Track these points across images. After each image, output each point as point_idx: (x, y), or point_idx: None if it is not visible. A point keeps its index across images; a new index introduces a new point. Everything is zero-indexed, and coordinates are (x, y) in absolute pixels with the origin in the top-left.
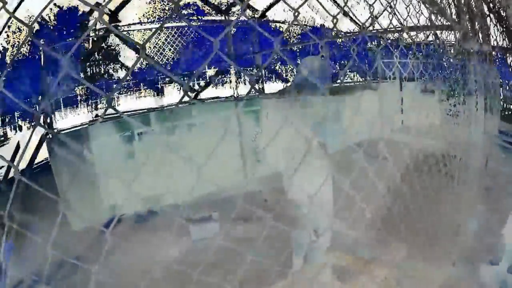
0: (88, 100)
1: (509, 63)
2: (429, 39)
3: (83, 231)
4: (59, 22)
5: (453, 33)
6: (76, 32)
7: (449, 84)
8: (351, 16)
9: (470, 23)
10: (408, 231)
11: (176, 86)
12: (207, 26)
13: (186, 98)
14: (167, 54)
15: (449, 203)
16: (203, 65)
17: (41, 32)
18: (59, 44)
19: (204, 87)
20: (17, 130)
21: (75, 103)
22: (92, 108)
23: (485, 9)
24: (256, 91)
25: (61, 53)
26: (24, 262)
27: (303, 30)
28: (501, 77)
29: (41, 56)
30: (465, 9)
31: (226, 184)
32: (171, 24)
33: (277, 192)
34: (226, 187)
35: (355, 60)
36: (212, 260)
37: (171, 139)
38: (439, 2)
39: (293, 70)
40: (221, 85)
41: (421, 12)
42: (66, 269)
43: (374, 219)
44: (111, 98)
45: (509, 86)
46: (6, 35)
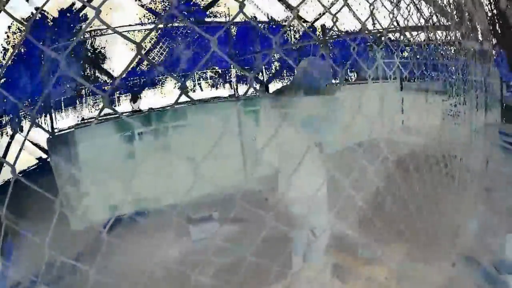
0: (77, 103)
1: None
2: (423, 39)
3: (83, 231)
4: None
5: (451, 33)
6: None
7: (447, 84)
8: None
9: (470, 22)
10: (408, 232)
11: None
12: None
13: (185, 98)
14: (164, 55)
15: (449, 204)
16: (200, 64)
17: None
18: (58, 45)
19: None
20: (18, 131)
21: (66, 105)
22: (82, 110)
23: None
24: (256, 91)
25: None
26: (24, 262)
27: (304, 31)
28: (501, 77)
29: (36, 57)
30: (465, 8)
31: (226, 184)
32: (171, 24)
33: (278, 192)
34: (226, 187)
35: (355, 60)
36: (212, 260)
37: (171, 139)
38: (440, 1)
39: (293, 70)
40: (222, 85)
41: (421, 12)
42: (66, 269)
43: (374, 219)
44: (109, 97)
45: (508, 86)
46: (7, 36)
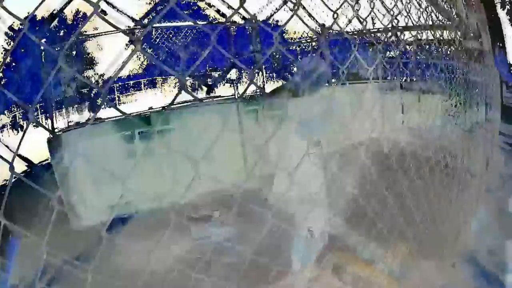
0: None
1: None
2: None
3: (83, 231)
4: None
5: (447, 32)
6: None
7: (448, 86)
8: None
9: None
10: (408, 232)
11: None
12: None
13: (184, 98)
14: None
15: (449, 205)
16: (199, 61)
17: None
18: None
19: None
20: (18, 130)
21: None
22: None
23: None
24: (258, 89)
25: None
26: (25, 262)
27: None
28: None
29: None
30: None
31: (226, 183)
32: (169, 24)
33: (274, 191)
34: (226, 186)
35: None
36: (212, 259)
37: (171, 139)
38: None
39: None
40: (222, 85)
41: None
42: (66, 269)
43: (374, 219)
44: (107, 94)
45: (508, 87)
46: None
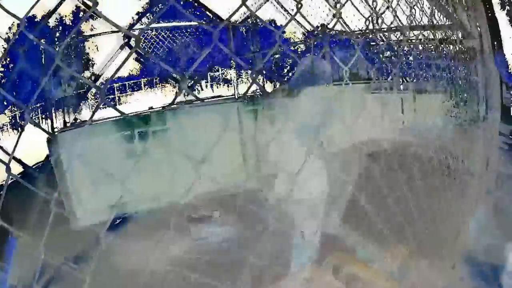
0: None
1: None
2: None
3: (83, 231)
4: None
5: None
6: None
7: (447, 86)
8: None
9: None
10: (408, 233)
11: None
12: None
13: (181, 98)
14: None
15: (449, 205)
16: (200, 59)
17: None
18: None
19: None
20: (18, 130)
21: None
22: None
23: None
24: (260, 88)
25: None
26: (24, 262)
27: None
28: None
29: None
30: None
31: (227, 183)
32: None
33: (276, 191)
34: (227, 186)
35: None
36: (212, 260)
37: (171, 139)
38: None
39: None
40: (222, 85)
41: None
42: (65, 270)
43: (374, 220)
44: (105, 93)
45: (508, 87)
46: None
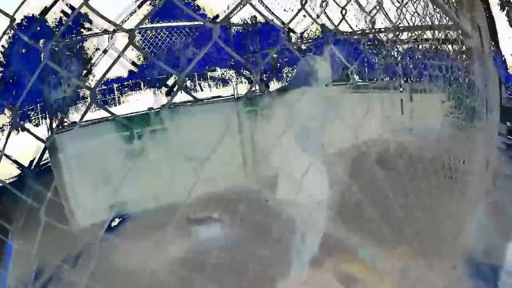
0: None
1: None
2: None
3: (82, 231)
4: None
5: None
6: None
7: (447, 86)
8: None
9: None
10: (409, 234)
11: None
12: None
13: (179, 98)
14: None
15: (450, 206)
16: (199, 56)
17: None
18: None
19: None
20: (18, 130)
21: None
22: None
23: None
24: (260, 86)
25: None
26: (22, 262)
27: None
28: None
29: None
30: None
31: (226, 184)
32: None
33: (277, 194)
34: (226, 187)
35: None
36: (211, 261)
37: (169, 140)
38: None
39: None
40: (222, 85)
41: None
42: (63, 270)
43: (375, 222)
44: (96, 94)
45: (507, 88)
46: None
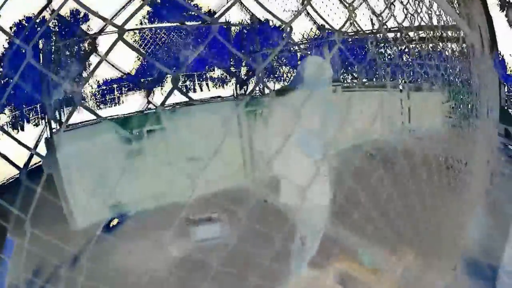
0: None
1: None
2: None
3: (82, 231)
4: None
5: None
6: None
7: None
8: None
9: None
10: (409, 235)
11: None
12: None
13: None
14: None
15: (450, 206)
16: (196, 52)
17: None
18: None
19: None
20: (19, 130)
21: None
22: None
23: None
24: (264, 85)
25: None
26: (22, 261)
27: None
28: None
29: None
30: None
31: (226, 185)
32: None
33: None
34: (226, 187)
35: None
36: (212, 262)
37: (168, 140)
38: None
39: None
40: (221, 85)
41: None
42: (62, 270)
43: (375, 224)
44: (81, 95)
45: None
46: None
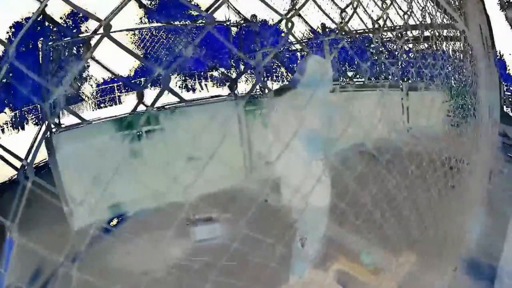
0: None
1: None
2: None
3: (81, 231)
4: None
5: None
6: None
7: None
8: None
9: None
10: (409, 236)
11: None
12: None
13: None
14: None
15: (450, 206)
16: (184, 58)
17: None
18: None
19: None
20: (19, 129)
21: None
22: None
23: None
24: (264, 86)
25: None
26: (21, 261)
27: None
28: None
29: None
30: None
31: (226, 184)
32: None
33: (282, 197)
34: (226, 187)
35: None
36: (212, 262)
37: (170, 140)
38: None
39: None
40: (221, 84)
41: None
42: (61, 269)
43: (375, 225)
44: (64, 97)
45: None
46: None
